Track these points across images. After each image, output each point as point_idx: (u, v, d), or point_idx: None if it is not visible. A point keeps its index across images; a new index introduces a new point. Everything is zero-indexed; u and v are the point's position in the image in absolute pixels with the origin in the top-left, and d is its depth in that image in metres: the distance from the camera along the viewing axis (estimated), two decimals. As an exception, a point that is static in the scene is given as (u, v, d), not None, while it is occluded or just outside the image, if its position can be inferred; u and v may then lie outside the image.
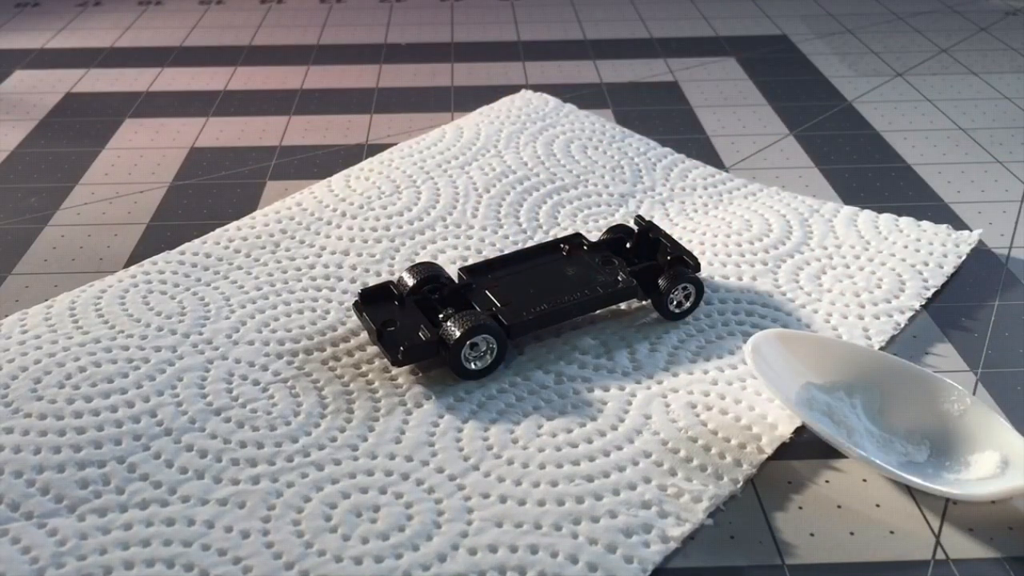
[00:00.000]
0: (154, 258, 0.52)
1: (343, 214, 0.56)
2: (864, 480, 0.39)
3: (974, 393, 0.43)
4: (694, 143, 0.67)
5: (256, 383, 0.43)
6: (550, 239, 0.51)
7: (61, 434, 0.39)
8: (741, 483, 0.38)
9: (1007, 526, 0.36)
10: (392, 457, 0.39)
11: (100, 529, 0.35)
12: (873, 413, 0.40)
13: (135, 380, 0.42)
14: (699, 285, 0.47)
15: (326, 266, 0.51)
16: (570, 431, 0.40)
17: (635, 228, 0.50)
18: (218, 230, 0.55)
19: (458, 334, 0.42)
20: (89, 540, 0.35)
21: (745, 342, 0.45)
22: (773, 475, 0.39)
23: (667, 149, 0.64)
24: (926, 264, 0.51)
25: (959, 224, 0.56)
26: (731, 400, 0.42)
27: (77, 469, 0.38)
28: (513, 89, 0.74)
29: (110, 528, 0.35)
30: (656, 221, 0.55)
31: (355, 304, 0.45)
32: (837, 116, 0.71)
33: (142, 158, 0.66)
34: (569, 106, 0.69)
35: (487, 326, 0.42)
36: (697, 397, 0.42)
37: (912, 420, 0.40)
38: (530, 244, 0.53)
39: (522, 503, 0.37)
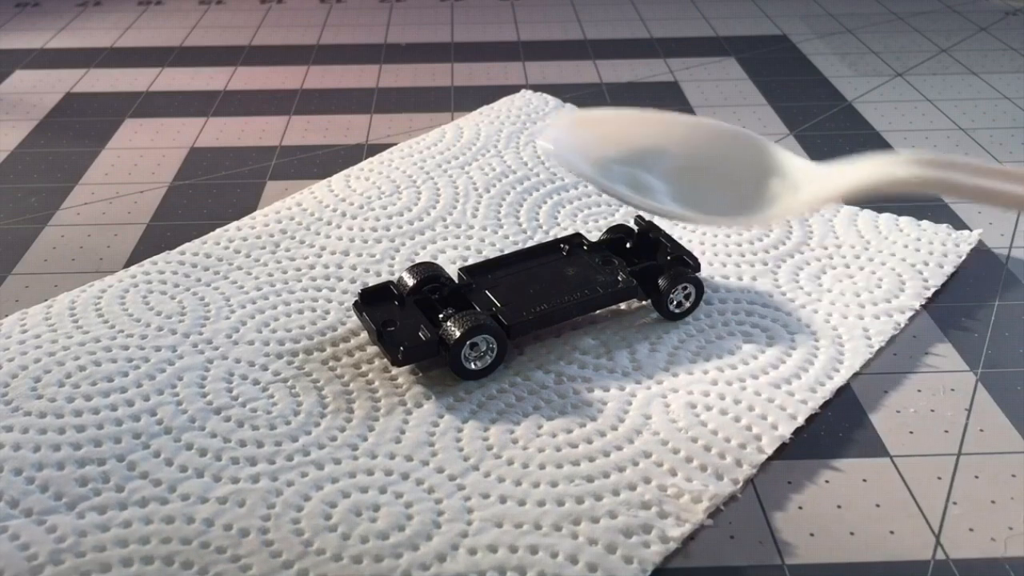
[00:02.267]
0: (154, 258, 0.52)
1: (343, 214, 0.56)
2: (864, 480, 0.39)
3: (974, 393, 0.43)
4: (694, 143, 0.67)
5: (256, 382, 0.43)
6: (550, 239, 0.51)
7: (61, 432, 0.39)
8: (741, 483, 0.38)
9: (1007, 526, 0.36)
10: (392, 457, 0.39)
11: (99, 527, 0.35)
12: (675, 174, 0.38)
13: (135, 379, 0.42)
14: (699, 285, 0.47)
15: (326, 266, 0.51)
16: (570, 431, 0.40)
17: (635, 228, 0.50)
18: (218, 230, 0.55)
19: (458, 334, 0.42)
20: (88, 537, 0.35)
21: (745, 342, 0.45)
22: (773, 475, 0.39)
23: (667, 149, 0.64)
24: (926, 264, 0.51)
25: (959, 224, 0.56)
26: (731, 400, 0.42)
27: (76, 467, 0.38)
28: (513, 89, 0.74)
29: (109, 526, 0.35)
30: (656, 221, 0.55)
31: (355, 304, 0.45)
32: (837, 116, 0.71)
33: (142, 158, 0.66)
34: (569, 106, 0.69)
35: (487, 326, 0.42)
36: (697, 397, 0.42)
37: (715, 175, 0.38)
38: (530, 244, 0.53)
39: (522, 503, 0.37)
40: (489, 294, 0.46)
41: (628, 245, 0.50)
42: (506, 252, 0.50)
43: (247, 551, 0.35)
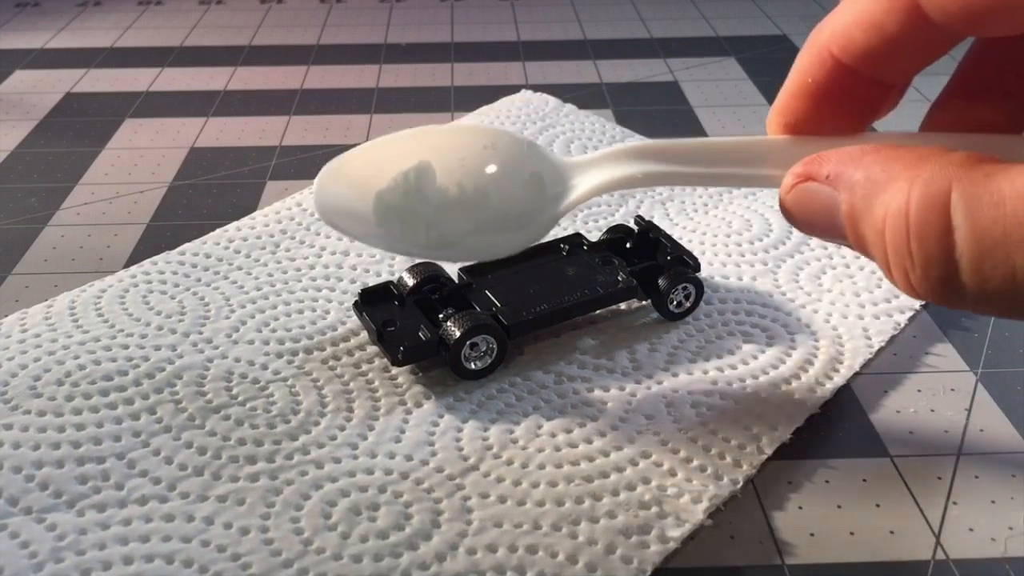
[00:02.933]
0: (154, 258, 0.52)
1: (343, 214, 0.56)
2: (864, 480, 0.39)
3: (974, 393, 0.43)
4: (694, 144, 0.67)
5: (256, 381, 0.43)
6: (550, 239, 0.51)
7: (60, 430, 0.39)
8: (741, 483, 0.38)
9: (1007, 526, 0.36)
10: (392, 456, 0.39)
11: (99, 524, 0.35)
12: (436, 188, 0.37)
13: (134, 378, 0.42)
14: (699, 285, 0.47)
15: (326, 266, 0.51)
16: (570, 431, 0.40)
17: (635, 228, 0.50)
18: (218, 230, 0.55)
19: (458, 334, 0.42)
20: (88, 535, 0.35)
21: (745, 342, 0.45)
22: (773, 475, 0.39)
23: (667, 149, 0.64)
24: (926, 265, 0.51)
25: (959, 225, 0.56)
26: (731, 400, 0.42)
27: (76, 465, 0.38)
28: (513, 89, 0.74)
29: (109, 523, 0.35)
30: (656, 221, 0.55)
31: (355, 304, 0.45)
32: (837, 117, 0.71)
33: (142, 158, 0.66)
34: (569, 106, 0.70)
35: (487, 326, 0.42)
36: (697, 397, 0.42)
37: (475, 180, 0.37)
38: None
39: (522, 503, 0.37)
40: (489, 294, 0.46)
41: (628, 245, 0.50)
42: (506, 252, 0.50)
43: (247, 549, 0.35)
